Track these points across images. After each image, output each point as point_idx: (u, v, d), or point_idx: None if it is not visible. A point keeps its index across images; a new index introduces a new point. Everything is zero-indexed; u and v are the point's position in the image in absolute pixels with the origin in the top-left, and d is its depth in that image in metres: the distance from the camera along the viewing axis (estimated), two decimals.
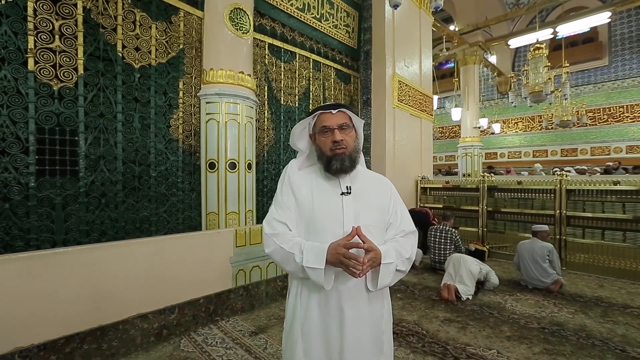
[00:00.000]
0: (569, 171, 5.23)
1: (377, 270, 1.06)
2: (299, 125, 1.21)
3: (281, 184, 1.22)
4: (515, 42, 9.06)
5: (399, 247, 1.12)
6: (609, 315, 3.03)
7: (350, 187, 1.15)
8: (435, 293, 3.61)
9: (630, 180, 4.23)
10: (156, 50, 2.96)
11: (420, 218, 5.02)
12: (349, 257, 0.99)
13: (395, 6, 4.48)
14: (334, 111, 1.13)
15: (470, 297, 3.42)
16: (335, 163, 1.11)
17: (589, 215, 4.40)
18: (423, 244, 5.13)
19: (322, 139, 1.14)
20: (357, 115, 1.17)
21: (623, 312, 3.12)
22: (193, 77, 3.22)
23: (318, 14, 4.55)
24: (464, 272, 3.51)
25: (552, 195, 4.69)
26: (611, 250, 4.21)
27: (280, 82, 4.10)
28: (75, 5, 2.49)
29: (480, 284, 3.68)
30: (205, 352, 2.40)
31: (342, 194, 1.14)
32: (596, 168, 8.54)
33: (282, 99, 4.11)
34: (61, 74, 2.42)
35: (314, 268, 1.02)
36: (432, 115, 6.56)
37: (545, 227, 3.91)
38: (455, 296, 3.38)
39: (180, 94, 3.13)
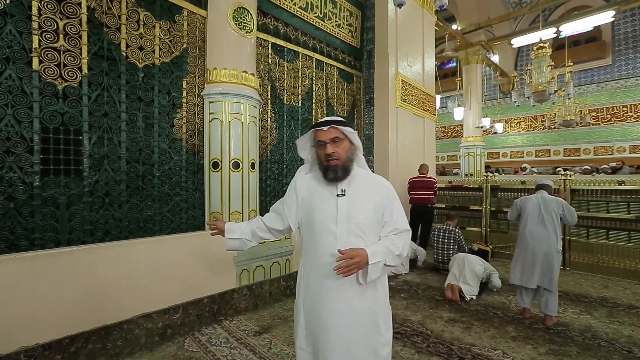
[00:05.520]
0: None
1: (366, 268, 1.21)
2: (301, 140, 1.41)
3: (290, 186, 1.48)
4: (518, 42, 9.00)
5: (390, 245, 1.27)
6: (614, 316, 3.02)
7: (344, 189, 1.31)
8: (439, 293, 3.60)
9: (635, 180, 4.21)
10: (160, 49, 2.95)
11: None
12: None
13: (399, 5, 4.47)
14: (325, 128, 1.29)
15: (474, 297, 3.41)
16: (330, 173, 1.28)
17: (594, 215, 4.38)
18: (424, 240, 5.10)
19: (319, 151, 1.33)
20: (351, 126, 1.34)
21: (629, 312, 3.10)
22: (196, 77, 3.21)
23: (321, 13, 4.54)
24: (468, 272, 3.49)
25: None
26: (616, 250, 4.19)
27: (284, 81, 4.09)
28: (80, 4, 2.48)
29: (484, 284, 3.67)
30: (209, 351, 2.40)
31: (338, 195, 1.30)
32: (604, 166, 8.54)
33: (285, 98, 4.10)
34: (65, 74, 2.41)
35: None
36: (434, 114, 6.53)
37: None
38: (459, 296, 3.36)
39: (184, 93, 3.12)
